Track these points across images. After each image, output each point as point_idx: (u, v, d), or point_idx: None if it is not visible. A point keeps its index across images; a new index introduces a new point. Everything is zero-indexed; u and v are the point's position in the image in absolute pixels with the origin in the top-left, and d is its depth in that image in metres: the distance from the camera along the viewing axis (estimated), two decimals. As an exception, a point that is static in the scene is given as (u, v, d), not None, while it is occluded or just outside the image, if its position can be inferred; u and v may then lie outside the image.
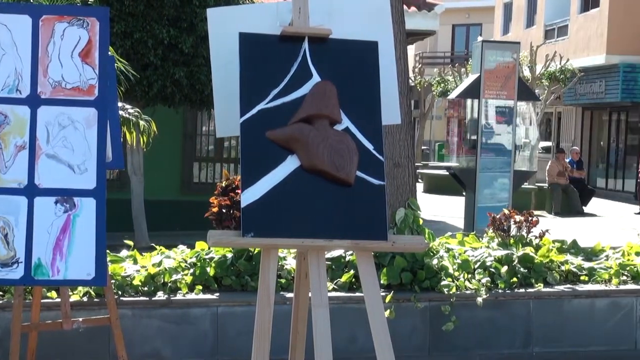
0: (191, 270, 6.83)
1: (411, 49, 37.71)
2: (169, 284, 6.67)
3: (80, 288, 6.36)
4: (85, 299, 6.39)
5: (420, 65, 39.26)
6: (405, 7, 11.75)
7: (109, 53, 4.83)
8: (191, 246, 7.21)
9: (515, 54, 14.08)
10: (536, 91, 24.13)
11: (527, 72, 26.58)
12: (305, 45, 4.15)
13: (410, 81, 9.25)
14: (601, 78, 28.91)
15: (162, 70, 12.13)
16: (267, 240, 3.87)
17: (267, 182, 3.89)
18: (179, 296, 6.58)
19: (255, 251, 6.70)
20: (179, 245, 7.42)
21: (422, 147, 37.89)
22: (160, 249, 7.20)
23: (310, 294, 3.95)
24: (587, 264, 7.56)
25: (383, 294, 6.46)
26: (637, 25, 27.57)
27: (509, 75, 13.91)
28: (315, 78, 4.12)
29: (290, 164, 3.95)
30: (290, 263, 6.90)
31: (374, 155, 4.06)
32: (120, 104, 7.56)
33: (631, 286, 7.35)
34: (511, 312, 7.03)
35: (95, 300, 6.36)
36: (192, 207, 13.14)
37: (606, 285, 7.30)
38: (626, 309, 7.21)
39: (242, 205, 3.86)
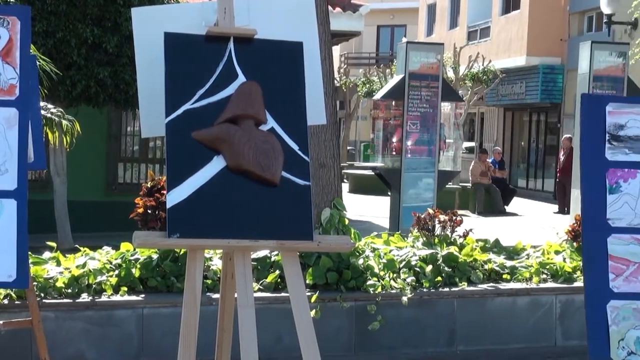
0: (116, 272, 6.77)
1: (336, 50, 37.88)
2: (94, 286, 6.60)
3: (1, 290, 6.26)
4: (6, 301, 6.29)
5: (345, 66, 39.40)
6: (330, 8, 11.79)
7: (31, 52, 4.75)
8: (116, 247, 7.14)
9: (439, 55, 14.23)
10: (460, 92, 24.39)
11: (450, 73, 26.87)
12: (231, 45, 4.15)
13: (335, 82, 9.29)
14: (522, 79, 29.37)
15: (86, 70, 11.98)
16: (193, 241, 3.85)
17: (193, 183, 3.88)
18: (103, 298, 6.52)
19: (181, 252, 6.67)
20: (104, 246, 7.34)
21: (348, 148, 38.03)
22: (85, 251, 7.12)
23: (236, 295, 3.94)
24: (509, 263, 7.68)
25: (309, 293, 6.48)
26: (556, 27, 28.08)
27: (433, 76, 14.05)
28: (241, 78, 4.11)
29: (216, 165, 3.94)
30: (217, 264, 6.88)
31: (300, 156, 4.07)
32: (42, 104, 7.46)
33: (551, 284, 7.49)
34: (436, 310, 7.11)
35: (17, 302, 6.26)
36: (116, 208, 13.00)
37: (527, 284, 7.42)
38: (546, 306, 7.34)
39: (168, 206, 3.83)
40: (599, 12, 25.38)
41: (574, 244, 8.00)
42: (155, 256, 6.78)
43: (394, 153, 15.00)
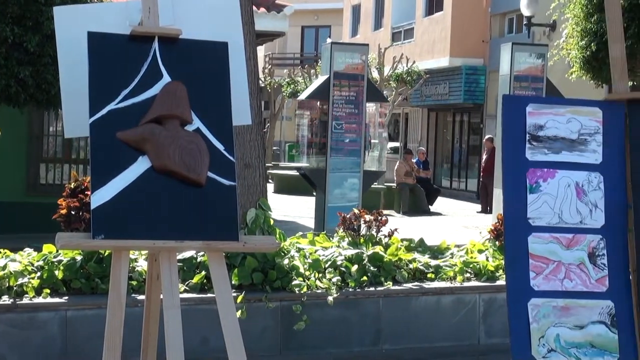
0: (38, 274, 6.67)
1: (261, 50, 37.84)
2: (15, 288, 6.49)
3: None
4: None
5: (270, 66, 39.39)
6: (254, 8, 11.77)
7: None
8: (38, 249, 7.04)
9: (363, 56, 14.31)
10: (384, 92, 24.56)
11: (375, 74, 27.04)
12: (156, 45, 4.12)
13: (260, 82, 9.28)
14: (445, 80, 29.70)
15: (6, 69, 11.76)
16: (118, 242, 3.82)
17: (117, 184, 3.85)
18: (25, 300, 6.42)
19: (106, 253, 6.60)
20: (25, 248, 7.23)
21: (273, 148, 38.01)
22: (5, 252, 7.00)
23: (161, 296, 3.92)
24: (433, 262, 7.76)
25: (234, 294, 6.47)
26: (479, 29, 28.45)
27: (357, 77, 14.12)
28: (166, 78, 4.09)
29: (141, 165, 3.91)
30: (142, 265, 6.83)
31: (225, 156, 4.07)
32: (-39, 104, 7.32)
33: (474, 283, 7.59)
34: (361, 310, 7.15)
35: (-64, 306, 6.14)
36: (39, 209, 12.80)
37: (451, 283, 7.51)
38: (470, 305, 7.44)
39: (92, 206, 3.80)
40: (519, 14, 25.79)
41: (497, 243, 8.12)
42: (79, 258, 6.71)
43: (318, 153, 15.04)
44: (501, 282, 7.48)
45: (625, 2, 14.32)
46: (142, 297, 5.89)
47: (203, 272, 6.81)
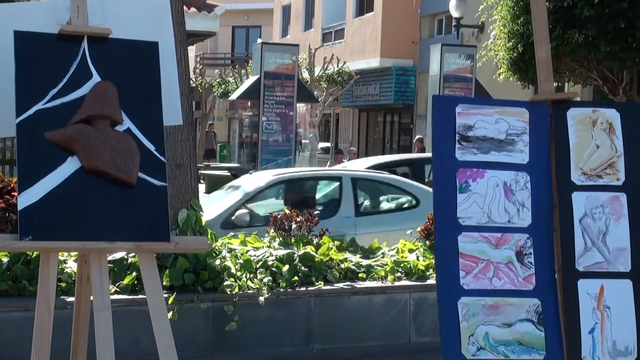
0: (-36, 277, 6.55)
1: (192, 50, 37.62)
2: (-61, 292, 6.37)
3: None
4: None
5: (201, 67, 39.23)
6: (185, 8, 11.71)
7: None
8: (-37, 252, 6.91)
9: (294, 56, 14.34)
10: (315, 93, 24.62)
11: (306, 74, 27.10)
12: (85, 44, 4.08)
13: (191, 82, 9.24)
14: (376, 81, 29.89)
15: None
16: (46, 243, 3.78)
17: (46, 184, 3.80)
18: (-50, 304, 6.30)
19: (34, 255, 6.51)
20: (-50, 251, 7.09)
21: (205, 148, 37.85)
22: None
23: (92, 298, 3.88)
24: (365, 262, 7.80)
25: (166, 295, 6.43)
26: (409, 30, 28.69)
27: (288, 77, 14.15)
28: (96, 78, 4.05)
29: (70, 166, 3.87)
30: (71, 266, 6.75)
31: (156, 156, 4.05)
32: None
33: (405, 282, 7.65)
34: (293, 310, 7.16)
35: None
36: (-37, 211, 12.56)
37: (382, 282, 7.56)
38: (400, 304, 7.49)
39: (19, 208, 3.75)
40: (448, 16, 26.09)
41: (427, 242, 8.19)
42: (5, 259, 6.60)
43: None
44: (432, 281, 7.55)
45: (550, 5, 14.58)
46: (71, 299, 5.82)
47: (134, 273, 6.76)
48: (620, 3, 14.76)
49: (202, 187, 22.99)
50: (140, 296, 6.50)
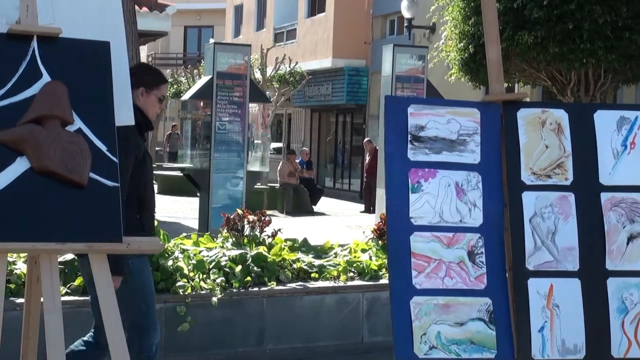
0: None
1: (143, 50, 37.39)
2: None
3: None
4: None
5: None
6: (136, 7, 11.63)
7: None
8: None
9: (246, 57, 14.31)
10: (267, 93, 24.60)
11: (258, 75, 27.06)
12: (34, 44, 4.04)
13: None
14: (328, 81, 29.93)
15: None
16: (-5, 244, 3.73)
17: (-5, 185, 3.76)
18: None
19: (-18, 257, 6.43)
20: None
21: (156, 149, 37.63)
22: None
23: (42, 299, 3.85)
24: (317, 262, 7.82)
25: (117, 296, 6.38)
26: (361, 30, 28.78)
27: (240, 77, 14.12)
28: (46, 78, 4.01)
29: (19, 166, 3.82)
30: (21, 267, 6.68)
31: (108, 157, 4.02)
32: None
33: (357, 282, 7.67)
34: (245, 310, 7.15)
35: None
36: None
37: (335, 282, 7.58)
38: (353, 304, 7.52)
39: (-31, 209, 3.70)
40: (400, 16, 26.21)
41: (380, 242, 8.22)
42: (-46, 262, 6.51)
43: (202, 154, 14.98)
44: (384, 281, 7.58)
45: (500, 6, 14.70)
46: (21, 300, 5.76)
47: (85, 275, 6.71)
48: (569, 5, 14.94)
49: (154, 188, 22.83)
50: (91, 297, 6.45)
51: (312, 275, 7.63)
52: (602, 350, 4.16)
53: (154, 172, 23.50)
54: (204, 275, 7.17)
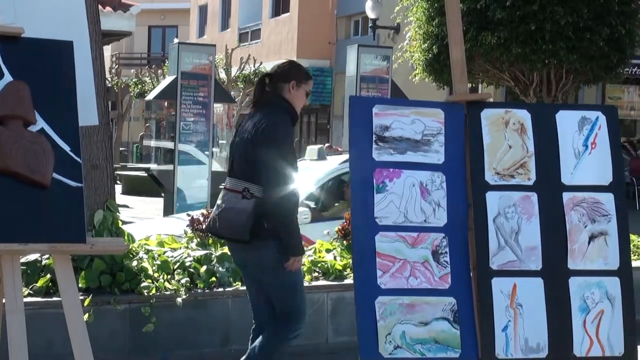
0: None
1: (107, 50, 37.18)
2: None
3: None
4: None
5: (117, 66, 38.83)
6: (100, 7, 11.57)
7: None
8: None
9: (210, 57, 14.28)
10: (232, 93, 24.55)
11: (222, 75, 27.02)
12: (-3, 43, 4.01)
13: (107, 82, 9.14)
14: (293, 81, 29.90)
15: None
16: (-43, 246, 3.70)
17: (-43, 186, 3.73)
18: None
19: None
20: None
21: (121, 149, 37.43)
22: None
23: (4, 300, 3.82)
24: (282, 261, 7.80)
25: (81, 297, 6.34)
26: (325, 31, 28.82)
27: (205, 77, 14.09)
28: (7, 78, 3.99)
29: (-18, 167, 3.80)
30: (-18, 270, 6.62)
31: (71, 157, 4.00)
32: None
33: (322, 282, 7.67)
34: (210, 311, 7.13)
35: None
36: None
37: (300, 281, 7.57)
38: (318, 304, 7.51)
39: None
40: (364, 17, 26.28)
41: (344, 242, 8.23)
42: None
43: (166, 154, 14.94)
44: (349, 280, 7.59)
45: (464, 7, 14.79)
46: (-17, 302, 5.71)
47: (48, 275, 6.66)
48: (531, 6, 15.07)
49: (118, 188, 22.78)
50: (55, 298, 6.40)
51: (277, 275, 7.61)
52: (564, 349, 4.20)
53: (119, 172, 23.30)
54: (169, 276, 7.14)
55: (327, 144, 23.31)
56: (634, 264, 8.46)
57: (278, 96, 5.39)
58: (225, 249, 7.50)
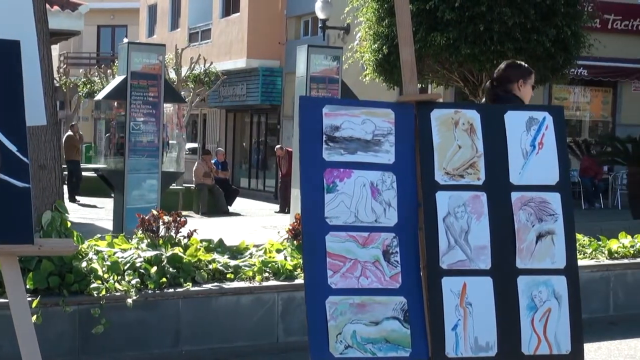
0: None
1: (55, 49, 36.85)
2: None
3: None
4: None
5: (65, 66, 38.47)
6: (48, 6, 11.45)
7: None
8: None
9: (160, 56, 14.20)
10: (182, 93, 24.43)
11: (173, 75, 26.88)
12: (-57, 42, 3.96)
13: (55, 82, 9.05)
14: (243, 81, 29.88)
15: None
16: None
17: None
18: None
19: None
20: None
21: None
22: None
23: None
24: (233, 262, 7.80)
25: (30, 299, 6.28)
26: (275, 31, 28.80)
27: (155, 77, 14.00)
28: (-46, 77, 3.94)
29: None
30: None
31: (18, 157, 3.96)
32: None
33: (273, 282, 7.68)
34: (161, 312, 7.10)
35: None
36: None
37: (250, 282, 7.57)
38: (269, 304, 7.52)
39: None
40: (314, 17, 26.31)
41: (295, 242, 8.24)
42: None
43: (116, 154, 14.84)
44: (299, 281, 7.60)
45: (413, 7, 14.88)
46: None
47: (-5, 278, 6.58)
48: (479, 7, 15.20)
49: (67, 188, 22.54)
50: (2, 300, 6.33)
51: (228, 276, 7.61)
52: (513, 347, 4.25)
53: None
54: (119, 277, 7.09)
55: (277, 146, 23.35)
56: (580, 263, 8.60)
57: (511, 96, 5.69)
58: (176, 250, 7.47)
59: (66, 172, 22.45)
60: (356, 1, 18.08)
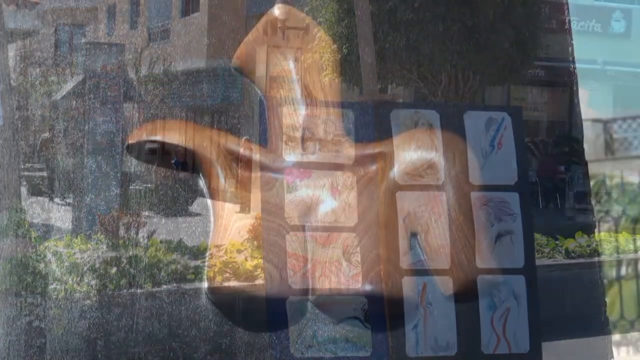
0: None
1: (12, 49, 36.43)
2: None
3: None
4: None
5: (22, 65, 38.08)
6: (4, 4, 11.33)
7: None
8: None
9: (120, 56, 14.08)
10: (142, 93, 24.27)
11: (132, 74, 26.71)
12: None
13: (11, 81, 8.96)
14: (203, 81, 29.76)
15: None
16: None
17: None
18: None
19: None
20: None
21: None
22: None
23: None
24: (193, 263, 7.76)
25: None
26: (235, 30, 28.70)
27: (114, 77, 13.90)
28: None
29: None
30: None
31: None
32: None
33: (233, 283, 7.65)
34: (121, 313, 7.06)
35: None
36: None
37: (211, 283, 7.54)
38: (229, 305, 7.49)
39: None
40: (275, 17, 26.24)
41: (255, 242, 8.21)
42: None
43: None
44: (260, 281, 7.58)
45: (373, 7, 14.88)
46: None
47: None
48: (439, 7, 15.24)
49: (25, 189, 22.29)
50: (-41, 303, 6.27)
51: (188, 276, 7.57)
52: (472, 347, 4.27)
53: (26, 173, 22.88)
54: (78, 278, 7.04)
55: (245, 137, 23.23)
56: (538, 262, 8.66)
57: None
58: (136, 250, 7.43)
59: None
60: (315, 1, 18.06)
